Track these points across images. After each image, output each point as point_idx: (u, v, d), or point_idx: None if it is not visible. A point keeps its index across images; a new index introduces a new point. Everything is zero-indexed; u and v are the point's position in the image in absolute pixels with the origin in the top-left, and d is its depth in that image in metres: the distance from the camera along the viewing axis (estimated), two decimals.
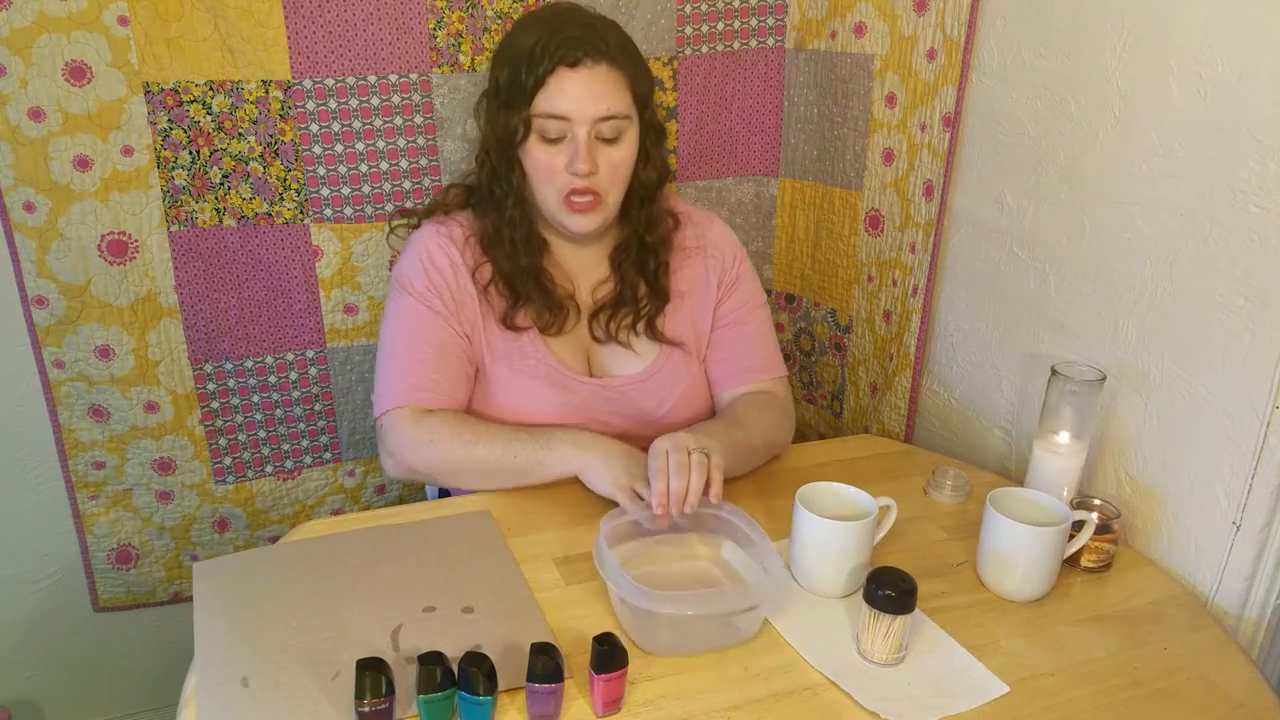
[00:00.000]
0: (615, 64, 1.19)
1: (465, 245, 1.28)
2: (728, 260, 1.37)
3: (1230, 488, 1.10)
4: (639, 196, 1.29)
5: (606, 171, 1.20)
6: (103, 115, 1.34)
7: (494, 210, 1.27)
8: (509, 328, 1.27)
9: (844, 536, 1.05)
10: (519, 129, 1.19)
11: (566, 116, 1.17)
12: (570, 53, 1.16)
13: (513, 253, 1.26)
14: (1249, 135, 1.03)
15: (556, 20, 1.20)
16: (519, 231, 1.26)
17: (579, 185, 1.19)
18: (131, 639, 1.67)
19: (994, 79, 1.34)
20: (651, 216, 1.30)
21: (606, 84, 1.18)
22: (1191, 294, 1.12)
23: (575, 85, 1.17)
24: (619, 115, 1.19)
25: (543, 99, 1.17)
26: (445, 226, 1.28)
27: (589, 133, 1.18)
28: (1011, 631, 1.03)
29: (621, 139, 1.21)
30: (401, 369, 1.24)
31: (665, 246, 1.32)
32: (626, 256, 1.31)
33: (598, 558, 1.03)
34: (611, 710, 0.90)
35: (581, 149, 1.17)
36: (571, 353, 1.31)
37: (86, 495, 1.52)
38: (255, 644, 0.96)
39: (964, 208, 1.42)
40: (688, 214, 1.37)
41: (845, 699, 0.93)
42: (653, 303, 1.32)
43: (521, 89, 1.18)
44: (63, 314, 1.41)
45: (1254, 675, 0.99)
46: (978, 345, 1.45)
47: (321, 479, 1.64)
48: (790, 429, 1.37)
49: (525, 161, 1.22)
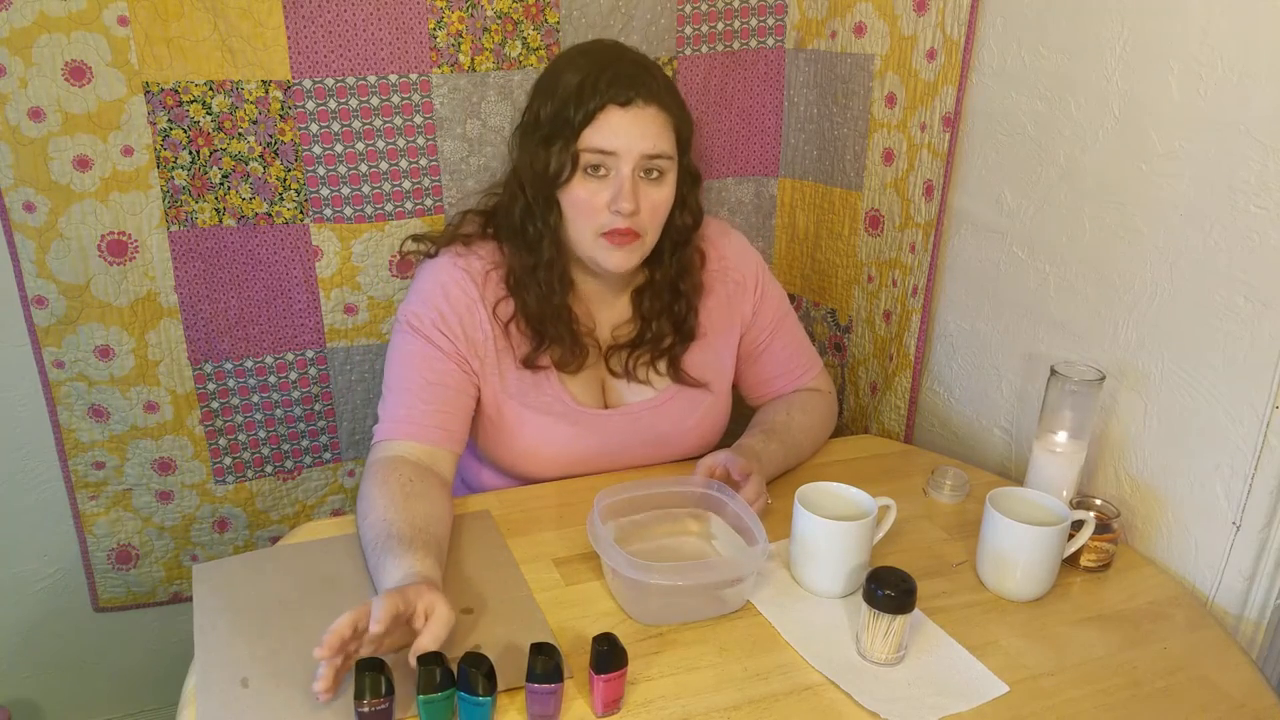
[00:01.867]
0: (664, 106, 1.17)
1: (485, 280, 1.23)
2: (749, 282, 1.35)
3: (1230, 488, 1.10)
4: (672, 241, 1.26)
5: (648, 211, 1.17)
6: (103, 115, 1.34)
7: (526, 249, 1.22)
8: (528, 368, 1.24)
9: (844, 536, 1.05)
10: (566, 165, 1.16)
11: (614, 152, 1.14)
12: (623, 91, 1.14)
13: (545, 294, 1.22)
14: (1249, 135, 1.04)
15: (605, 57, 1.18)
16: (554, 273, 1.22)
17: (620, 225, 1.16)
18: (131, 639, 1.67)
19: (994, 79, 1.34)
20: (684, 263, 1.28)
21: (655, 124, 1.16)
22: (1191, 294, 1.12)
23: (625, 123, 1.14)
24: (664, 155, 1.17)
25: (590, 134, 1.14)
26: (464, 259, 1.24)
27: (634, 170, 1.15)
28: (1011, 631, 1.03)
29: (664, 180, 1.18)
30: (393, 402, 1.20)
31: (696, 293, 1.30)
32: (654, 301, 1.28)
33: (591, 532, 1.04)
34: (611, 710, 0.90)
35: (626, 187, 1.14)
36: (586, 387, 1.28)
37: (86, 495, 1.52)
38: (255, 644, 0.96)
39: (964, 208, 1.42)
40: (704, 235, 1.33)
41: (845, 699, 0.93)
42: (678, 344, 1.30)
43: (568, 123, 1.15)
44: (63, 314, 1.41)
45: (1254, 675, 0.99)
46: (978, 345, 1.45)
47: (321, 479, 1.64)
48: (834, 416, 1.44)
49: (564, 198, 1.18)
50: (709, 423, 1.33)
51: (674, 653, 0.98)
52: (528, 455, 1.26)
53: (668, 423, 1.30)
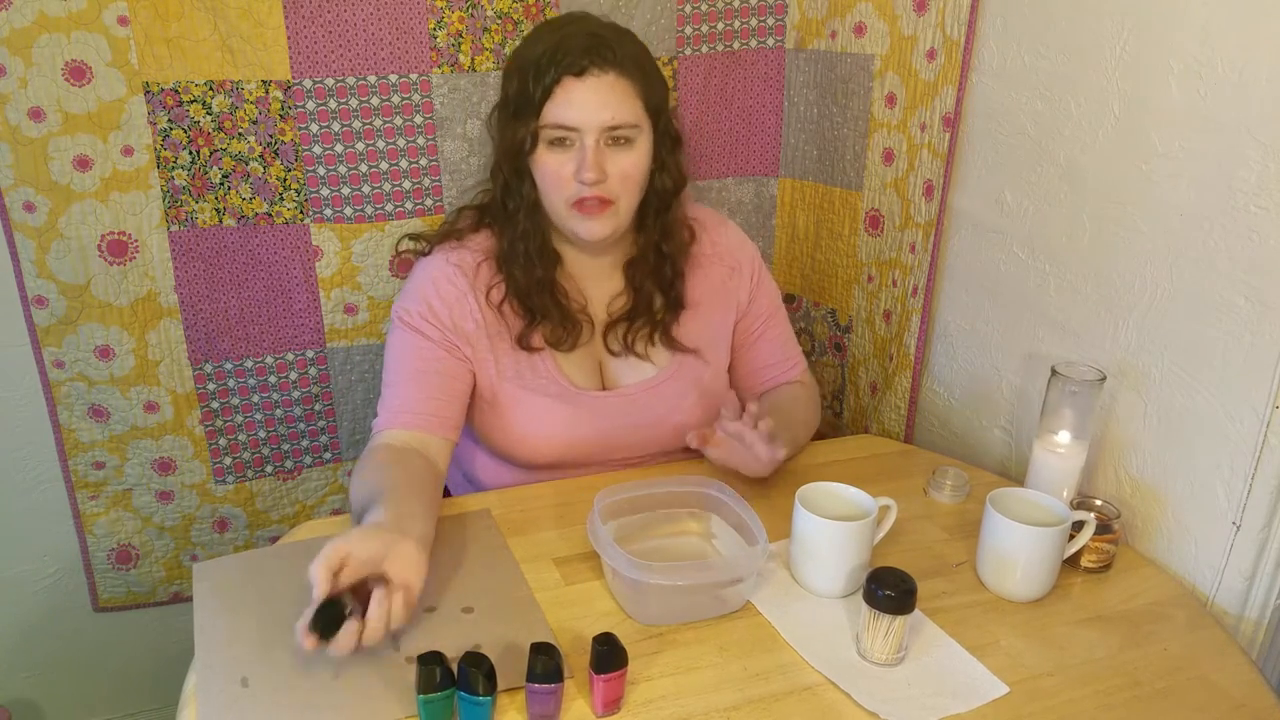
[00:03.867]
0: (624, 72, 1.17)
1: (476, 272, 1.25)
2: (745, 268, 1.36)
3: (1230, 488, 1.10)
4: (655, 205, 1.27)
5: (617, 178, 1.18)
6: (103, 115, 1.34)
7: (508, 224, 1.25)
8: (524, 348, 1.25)
9: (844, 536, 1.05)
10: (526, 140, 1.18)
11: (575, 127, 1.16)
12: (576, 61, 1.15)
13: (528, 266, 1.24)
14: (1249, 135, 1.03)
15: (566, 29, 1.19)
16: (533, 243, 1.24)
17: (588, 194, 1.17)
18: (131, 639, 1.67)
19: (994, 79, 1.34)
20: (668, 225, 1.28)
21: (615, 93, 1.16)
22: (1191, 294, 1.12)
23: (582, 94, 1.15)
24: (627, 124, 1.17)
25: (550, 110, 1.16)
26: (456, 254, 1.26)
27: (597, 141, 1.16)
28: (1011, 632, 1.03)
29: (632, 146, 1.19)
30: (388, 395, 1.22)
31: (682, 255, 1.30)
32: (641, 267, 1.29)
33: (591, 532, 1.04)
34: (611, 710, 0.90)
35: (589, 157, 1.15)
36: (582, 368, 1.29)
37: (86, 495, 1.52)
38: (255, 644, 0.96)
39: (964, 207, 1.42)
40: (700, 220, 1.35)
41: (845, 699, 0.93)
42: (668, 312, 1.31)
43: (529, 100, 1.17)
44: (63, 314, 1.41)
45: (1254, 675, 0.99)
46: (978, 345, 1.45)
47: (321, 479, 1.64)
48: (820, 409, 1.45)
49: (535, 171, 1.21)
50: (706, 403, 1.33)
51: (674, 653, 0.98)
52: (524, 438, 1.26)
53: (664, 404, 1.30)
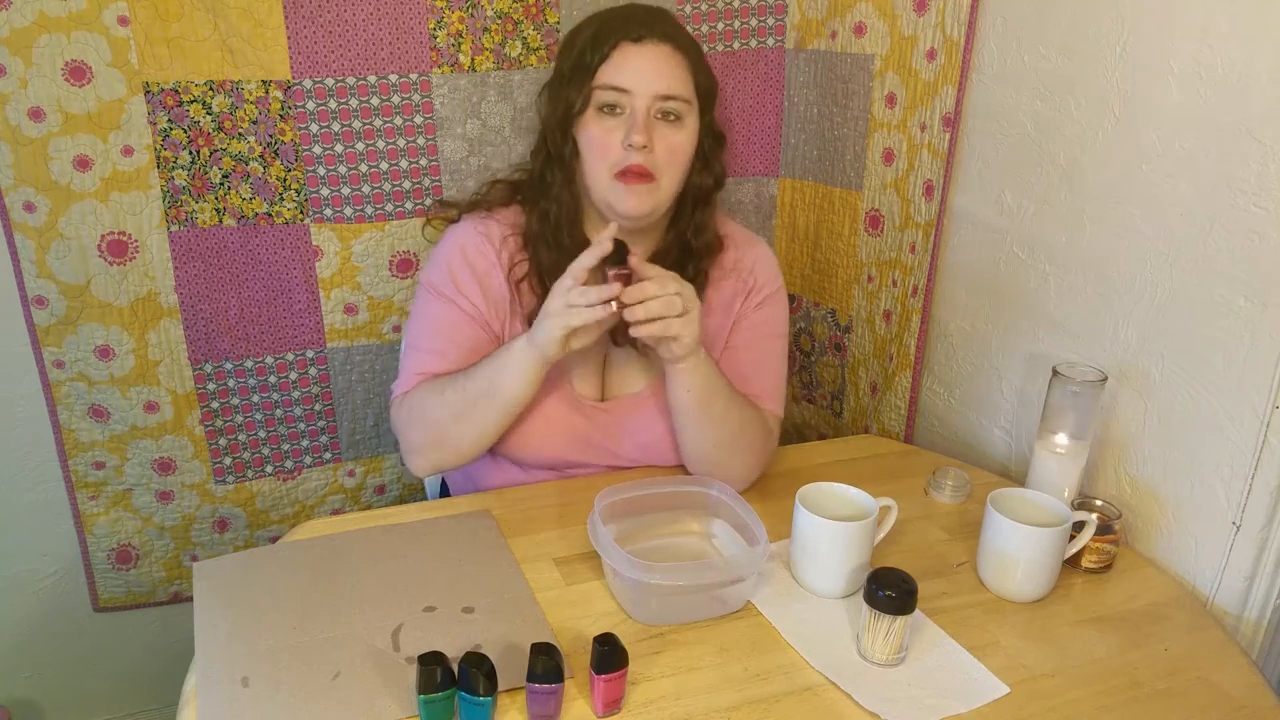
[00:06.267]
0: (679, 47, 1.19)
1: (502, 244, 1.25)
2: (760, 280, 1.33)
3: (1230, 488, 1.10)
4: (692, 200, 1.26)
5: (664, 153, 1.17)
6: (103, 115, 1.34)
7: (542, 199, 1.24)
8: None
9: (844, 537, 1.05)
10: (577, 102, 1.17)
11: (628, 89, 1.16)
12: (636, 29, 1.17)
13: (556, 246, 1.22)
14: (1249, 135, 1.04)
15: (622, 7, 1.23)
16: (564, 222, 1.23)
17: (634, 163, 1.16)
18: (131, 639, 1.67)
19: (994, 79, 1.34)
20: (701, 222, 1.27)
21: (670, 63, 1.17)
22: (1191, 294, 1.12)
23: (638, 60, 1.16)
24: (679, 97, 1.17)
25: (605, 71, 1.16)
26: (484, 225, 1.26)
27: (648, 108, 1.16)
28: (1012, 632, 1.03)
29: (681, 124, 1.19)
30: (411, 359, 1.23)
31: (709, 256, 1.29)
32: (663, 262, 1.25)
33: (592, 532, 1.04)
34: (612, 710, 0.90)
35: (640, 120, 1.15)
36: (586, 363, 1.27)
37: (86, 495, 1.52)
38: (255, 644, 0.96)
39: (964, 208, 1.42)
40: (732, 236, 1.34)
41: (845, 699, 0.93)
42: None
43: (585, 65, 1.17)
44: (63, 314, 1.41)
45: (1254, 676, 0.99)
46: (978, 345, 1.45)
47: (321, 479, 1.64)
48: (766, 456, 1.28)
49: (580, 137, 1.19)
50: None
51: (674, 653, 0.98)
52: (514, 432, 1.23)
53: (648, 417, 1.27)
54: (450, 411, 1.17)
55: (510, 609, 1.03)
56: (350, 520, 1.19)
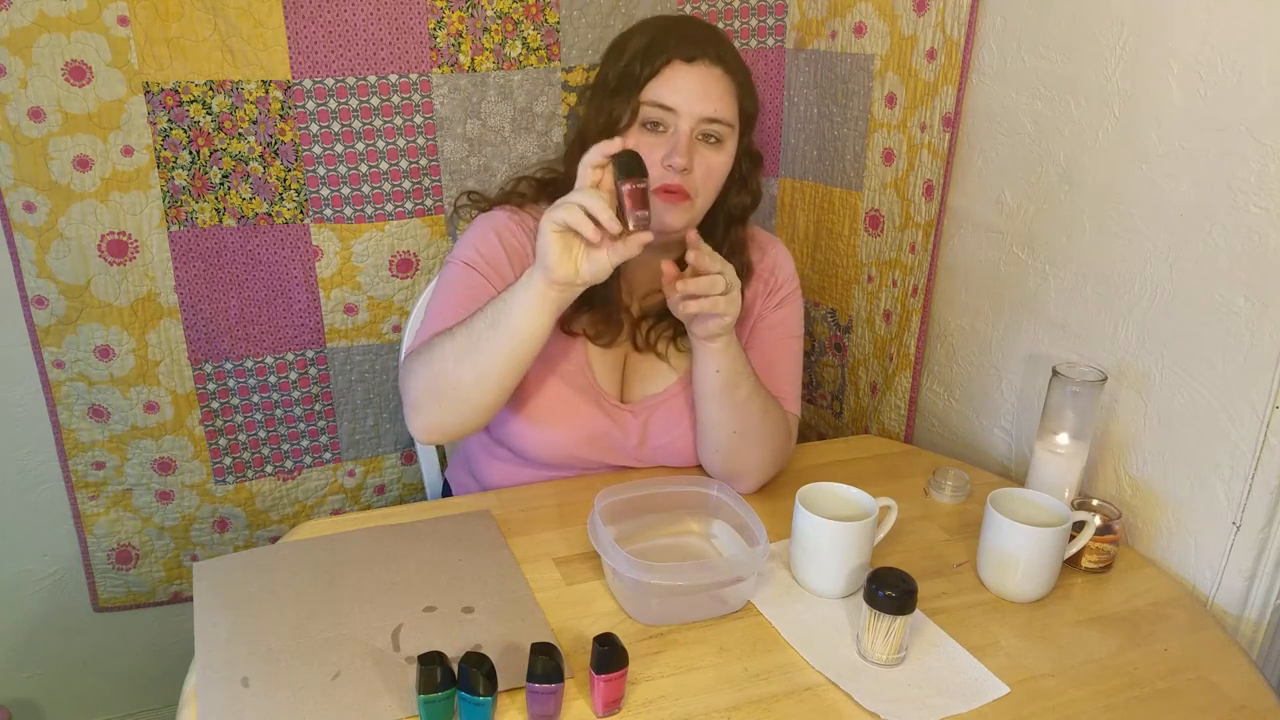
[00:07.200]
0: (729, 71, 1.18)
1: (532, 238, 1.23)
2: (780, 279, 1.34)
3: (1230, 488, 1.10)
4: (725, 219, 1.27)
5: (701, 173, 1.17)
6: (103, 115, 1.34)
7: None
8: (563, 330, 1.24)
9: (844, 537, 1.05)
10: (624, 116, 1.17)
11: (674, 108, 1.15)
12: (689, 49, 1.16)
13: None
14: (1249, 135, 1.04)
15: (678, 21, 1.22)
16: None
17: (671, 182, 1.16)
18: (131, 639, 1.67)
19: (994, 79, 1.34)
20: (735, 242, 1.28)
21: (719, 86, 1.17)
22: (1191, 294, 1.12)
23: (688, 80, 1.15)
24: (723, 121, 1.17)
25: (653, 87, 1.16)
26: (517, 214, 1.26)
27: (691, 130, 1.16)
28: (1012, 632, 1.03)
29: (721, 147, 1.19)
30: (431, 323, 1.20)
31: (745, 276, 1.28)
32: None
33: (592, 532, 1.04)
34: (612, 710, 0.90)
35: (682, 143, 1.15)
36: (607, 364, 1.27)
37: (86, 495, 1.52)
38: (255, 644, 0.96)
39: (964, 208, 1.42)
40: (753, 236, 1.34)
41: (845, 699, 0.93)
42: None
43: (634, 77, 1.17)
44: (63, 314, 1.41)
45: (1254, 676, 0.99)
46: (978, 345, 1.45)
47: (321, 479, 1.64)
48: (783, 454, 1.28)
49: None
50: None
51: (674, 653, 0.98)
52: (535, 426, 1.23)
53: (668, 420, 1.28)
54: (454, 350, 1.11)
55: (510, 609, 1.03)
56: (350, 520, 1.19)
